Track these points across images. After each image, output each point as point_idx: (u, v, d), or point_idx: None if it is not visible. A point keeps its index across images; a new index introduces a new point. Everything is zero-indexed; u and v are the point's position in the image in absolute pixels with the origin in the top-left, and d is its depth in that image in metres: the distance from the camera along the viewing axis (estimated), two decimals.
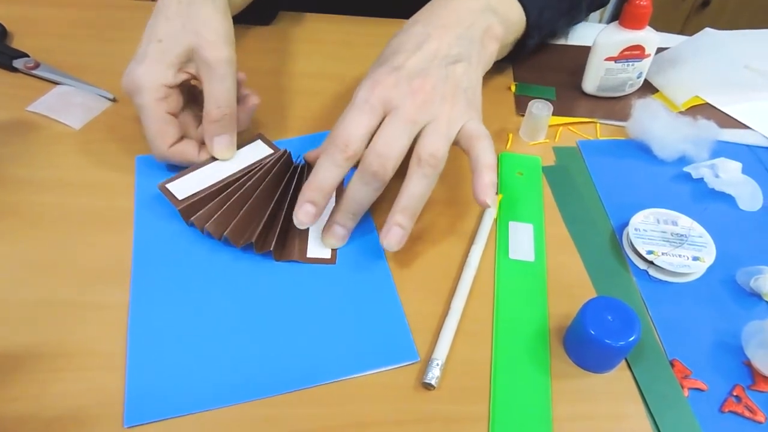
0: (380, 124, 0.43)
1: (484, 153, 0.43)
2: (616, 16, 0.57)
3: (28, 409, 0.36)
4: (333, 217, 0.45)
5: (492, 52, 0.52)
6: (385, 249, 0.44)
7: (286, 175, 0.48)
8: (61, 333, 0.39)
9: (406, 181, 0.43)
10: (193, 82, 0.49)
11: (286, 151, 0.49)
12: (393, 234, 0.42)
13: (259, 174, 0.47)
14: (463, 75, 0.46)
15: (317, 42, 0.67)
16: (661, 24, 0.58)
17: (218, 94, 0.46)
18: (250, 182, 0.46)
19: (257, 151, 0.50)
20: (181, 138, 0.48)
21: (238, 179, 0.47)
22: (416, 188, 0.42)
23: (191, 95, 0.50)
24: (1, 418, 0.35)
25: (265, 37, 0.67)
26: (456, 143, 0.45)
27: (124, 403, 0.36)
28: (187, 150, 0.48)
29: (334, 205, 0.47)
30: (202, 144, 0.49)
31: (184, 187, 0.46)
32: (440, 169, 0.43)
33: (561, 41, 0.70)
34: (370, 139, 0.43)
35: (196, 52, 0.46)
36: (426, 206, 0.46)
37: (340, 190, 0.48)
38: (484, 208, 0.44)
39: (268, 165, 0.47)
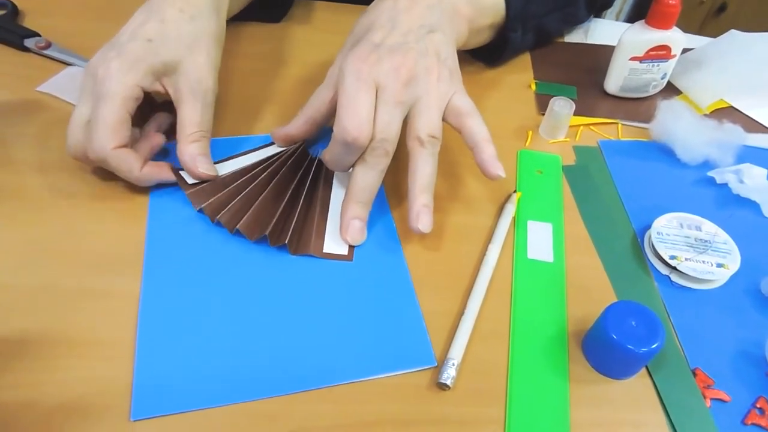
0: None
1: (478, 128, 0.44)
2: (633, 17, 0.56)
3: (30, 396, 0.34)
4: (346, 213, 0.44)
5: (462, 29, 0.51)
6: (421, 232, 0.43)
7: (302, 167, 0.47)
8: (65, 320, 0.38)
9: (413, 163, 0.43)
10: (156, 96, 0.47)
11: (302, 143, 0.47)
12: (424, 215, 0.43)
13: (273, 166, 0.46)
14: (440, 44, 0.45)
15: (328, 32, 0.65)
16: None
17: (199, 118, 0.45)
18: (264, 173, 0.45)
19: (273, 150, 0.49)
20: (125, 145, 0.43)
21: (251, 169, 0.46)
22: (427, 168, 0.43)
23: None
24: (0, 404, 0.34)
25: (272, 26, 0.65)
26: (444, 119, 0.45)
27: (132, 395, 0.35)
28: (130, 159, 0.43)
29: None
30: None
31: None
32: (440, 143, 0.44)
33: (579, 39, 0.69)
34: None
35: (182, 70, 0.44)
36: (443, 204, 0.45)
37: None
38: (495, 180, 0.44)
39: (284, 157, 0.46)
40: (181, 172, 0.45)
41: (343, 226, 0.44)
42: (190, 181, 0.45)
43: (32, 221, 0.43)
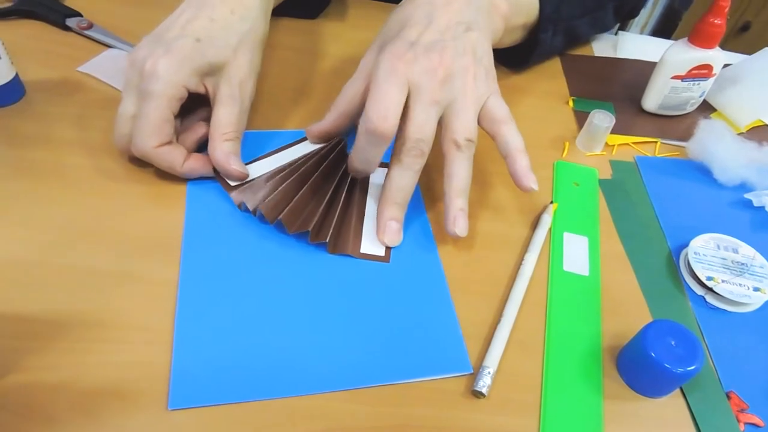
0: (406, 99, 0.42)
1: (513, 137, 0.44)
2: (659, 30, 0.56)
3: (67, 378, 0.34)
4: (382, 215, 0.44)
5: (499, 27, 0.51)
6: (458, 236, 0.43)
7: (342, 165, 0.46)
8: (104, 303, 0.38)
9: (449, 167, 0.43)
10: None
11: (342, 139, 0.47)
12: (460, 219, 0.43)
13: (313, 159, 0.45)
14: (477, 42, 0.45)
15: (360, 28, 0.65)
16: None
17: (235, 121, 0.45)
18: (304, 167, 0.45)
19: (306, 147, 0.49)
20: (169, 142, 0.43)
21: (292, 164, 0.46)
22: (463, 171, 0.43)
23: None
24: (36, 386, 0.34)
25: (304, 20, 0.65)
26: (478, 122, 0.44)
27: (170, 384, 0.34)
28: (175, 154, 0.43)
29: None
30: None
31: None
32: (476, 145, 0.43)
33: (609, 53, 0.68)
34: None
35: (225, 72, 0.44)
36: (479, 212, 0.45)
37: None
38: (528, 192, 0.44)
39: (324, 152, 0.46)
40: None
41: (379, 227, 0.44)
42: (233, 183, 0.45)
43: (71, 201, 0.43)
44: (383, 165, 0.47)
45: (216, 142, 0.44)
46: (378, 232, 0.44)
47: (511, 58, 0.61)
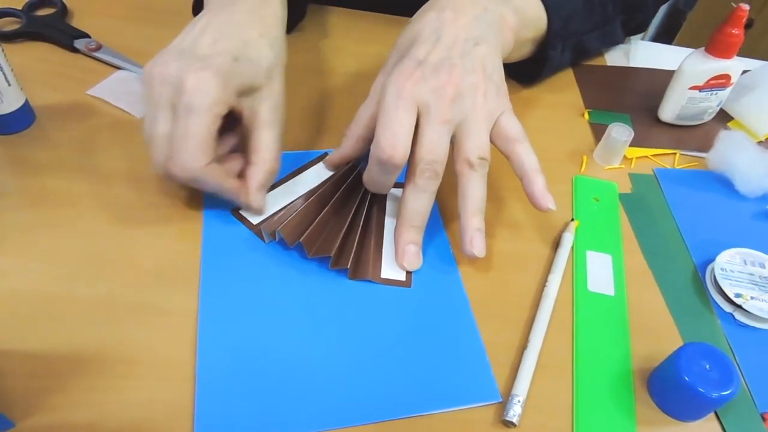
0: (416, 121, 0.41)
1: (527, 157, 0.43)
2: (660, 34, 0.55)
3: (89, 417, 0.34)
4: (400, 238, 0.43)
5: (508, 41, 0.50)
6: (476, 256, 0.42)
7: (359, 188, 0.46)
8: (123, 336, 0.37)
9: (463, 187, 0.42)
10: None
11: (358, 163, 0.47)
12: (477, 239, 0.42)
13: (331, 183, 0.45)
14: (486, 57, 0.44)
15: (341, 38, 0.64)
16: (699, 45, 0.55)
17: (276, 146, 0.44)
18: (322, 190, 0.44)
19: (321, 170, 0.49)
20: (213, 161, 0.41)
21: (315, 193, 0.45)
22: (477, 190, 0.42)
23: None
24: (55, 429, 0.33)
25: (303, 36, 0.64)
26: (491, 141, 0.44)
27: (194, 423, 0.34)
28: (221, 174, 0.41)
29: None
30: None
31: None
32: (489, 163, 0.43)
33: (621, 62, 0.68)
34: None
35: (262, 95, 0.43)
36: (497, 231, 0.44)
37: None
38: (545, 212, 0.44)
39: (340, 175, 0.45)
40: (242, 212, 0.45)
41: (398, 252, 0.43)
42: (255, 221, 0.44)
43: (86, 231, 0.42)
44: (398, 185, 0.46)
45: (257, 171, 0.43)
46: (396, 256, 0.43)
47: (521, 73, 0.60)
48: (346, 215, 0.44)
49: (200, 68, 0.39)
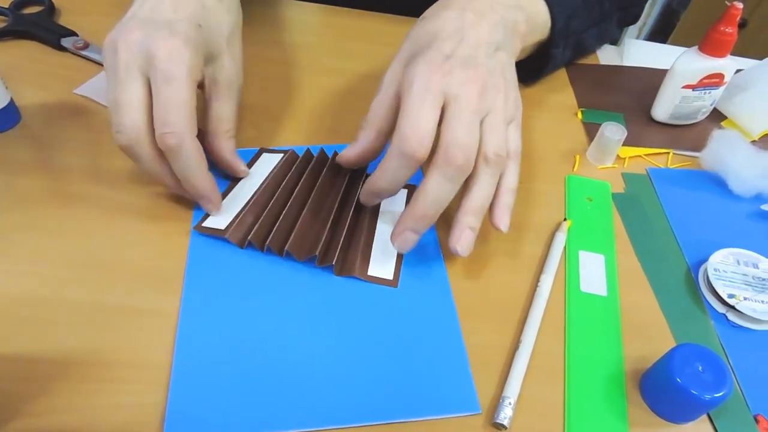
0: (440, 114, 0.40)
1: (511, 175, 0.42)
2: (655, 32, 0.55)
3: (71, 423, 0.33)
4: (405, 223, 0.41)
5: (518, 48, 0.49)
6: (459, 254, 0.40)
7: (340, 183, 0.45)
8: (106, 339, 0.37)
9: (471, 179, 0.40)
10: None
11: (321, 150, 0.47)
12: (466, 237, 0.40)
13: (304, 179, 0.44)
14: (506, 64, 0.44)
15: (317, 35, 0.64)
16: (693, 44, 0.55)
17: (235, 115, 0.44)
18: (297, 189, 0.44)
19: (270, 162, 0.48)
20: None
21: (277, 186, 0.44)
22: (484, 189, 0.40)
23: None
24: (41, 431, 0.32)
25: (262, 29, 0.63)
26: None
27: (164, 425, 0.33)
28: (201, 153, 0.40)
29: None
30: None
31: (219, 217, 0.43)
32: (503, 166, 0.41)
33: (615, 60, 0.67)
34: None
35: (222, 63, 0.43)
36: (489, 230, 0.43)
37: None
38: (495, 227, 0.42)
39: (301, 166, 0.46)
40: (206, 225, 0.43)
41: (396, 233, 0.41)
42: (223, 226, 0.43)
43: (73, 232, 0.42)
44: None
45: (220, 141, 0.43)
46: (393, 236, 0.41)
47: (521, 72, 0.60)
48: (329, 213, 0.43)
49: (168, 35, 0.38)
